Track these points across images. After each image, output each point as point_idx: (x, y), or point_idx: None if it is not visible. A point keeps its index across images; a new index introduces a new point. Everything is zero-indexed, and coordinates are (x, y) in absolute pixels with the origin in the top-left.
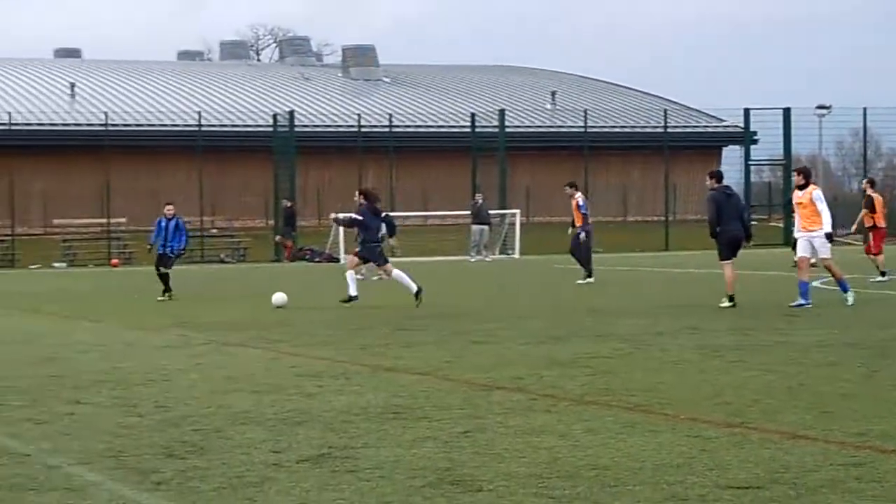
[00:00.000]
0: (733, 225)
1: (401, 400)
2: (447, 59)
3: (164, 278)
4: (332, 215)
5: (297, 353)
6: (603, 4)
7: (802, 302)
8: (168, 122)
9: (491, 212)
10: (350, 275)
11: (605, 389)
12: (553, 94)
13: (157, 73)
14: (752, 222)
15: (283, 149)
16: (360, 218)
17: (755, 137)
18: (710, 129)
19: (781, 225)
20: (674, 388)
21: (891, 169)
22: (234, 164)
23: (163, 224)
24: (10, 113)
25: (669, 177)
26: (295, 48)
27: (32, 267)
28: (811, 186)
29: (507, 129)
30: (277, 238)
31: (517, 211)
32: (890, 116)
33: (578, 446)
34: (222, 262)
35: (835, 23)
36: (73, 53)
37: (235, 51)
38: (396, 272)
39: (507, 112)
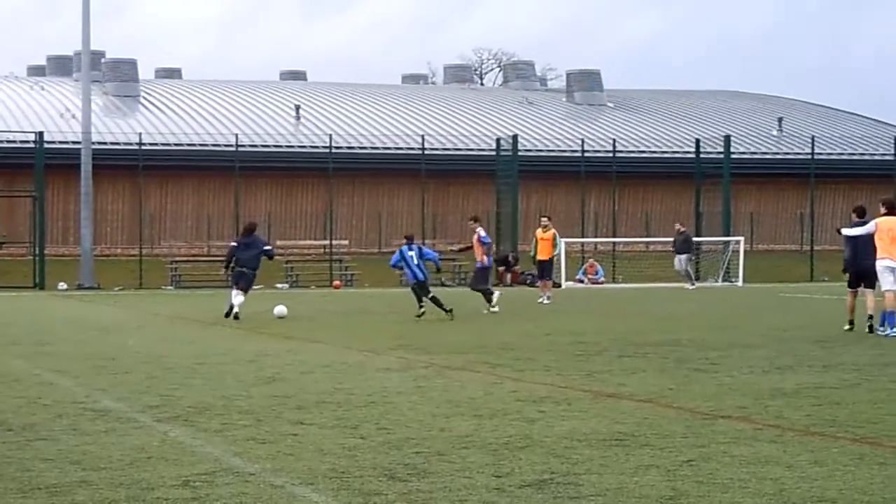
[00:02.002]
0: (868, 258)
1: (623, 427)
2: (672, 84)
3: (433, 300)
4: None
5: (518, 378)
6: (831, 29)
7: None
8: (391, 144)
9: (713, 238)
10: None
11: (831, 420)
12: (780, 120)
13: (381, 96)
14: None
15: (505, 173)
16: (234, 244)
17: None
18: None
19: None
20: None
21: None
22: (457, 187)
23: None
24: (237, 135)
25: None
26: (519, 72)
27: (255, 287)
28: None
29: (733, 156)
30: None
31: (741, 238)
32: None
33: (805, 478)
34: (443, 285)
35: None
36: (299, 76)
37: (459, 74)
38: (239, 298)
39: (732, 138)
